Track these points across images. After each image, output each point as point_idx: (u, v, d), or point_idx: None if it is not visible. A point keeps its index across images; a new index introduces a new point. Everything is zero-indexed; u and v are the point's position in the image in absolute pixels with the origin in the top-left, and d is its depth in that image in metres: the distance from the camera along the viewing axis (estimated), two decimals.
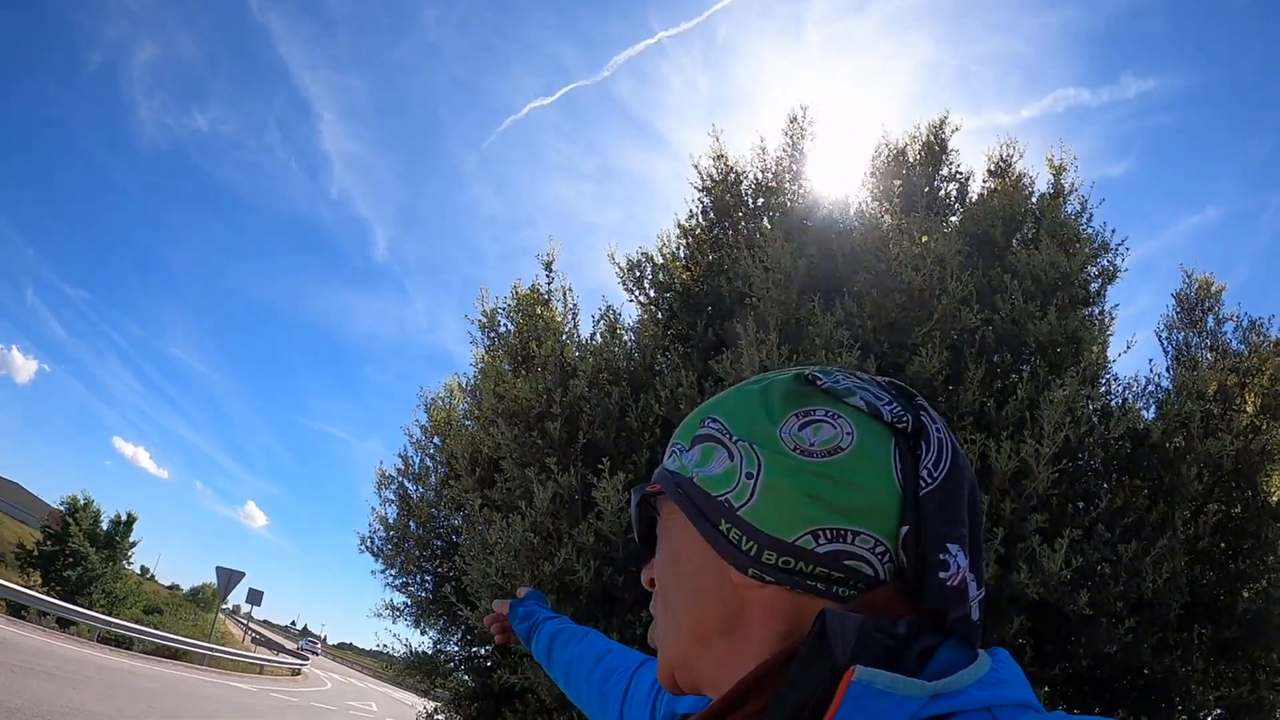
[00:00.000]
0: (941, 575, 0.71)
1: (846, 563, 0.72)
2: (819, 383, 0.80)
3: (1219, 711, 4.28)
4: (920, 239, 4.32)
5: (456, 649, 6.72)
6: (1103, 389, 4.63)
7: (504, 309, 6.01)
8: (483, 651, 6.42)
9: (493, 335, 6.08)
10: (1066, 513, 3.61)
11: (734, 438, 0.79)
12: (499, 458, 5.26)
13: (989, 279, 4.31)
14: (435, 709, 6.69)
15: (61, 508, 34.16)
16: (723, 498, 0.77)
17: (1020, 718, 0.62)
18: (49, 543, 31.86)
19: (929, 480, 0.74)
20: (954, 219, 5.34)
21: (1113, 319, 4.71)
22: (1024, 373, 3.96)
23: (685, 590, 0.82)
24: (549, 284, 5.87)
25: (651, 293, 5.87)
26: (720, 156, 5.88)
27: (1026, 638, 3.52)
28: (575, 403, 4.88)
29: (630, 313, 6.07)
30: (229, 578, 27.11)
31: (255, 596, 40.68)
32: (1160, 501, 3.89)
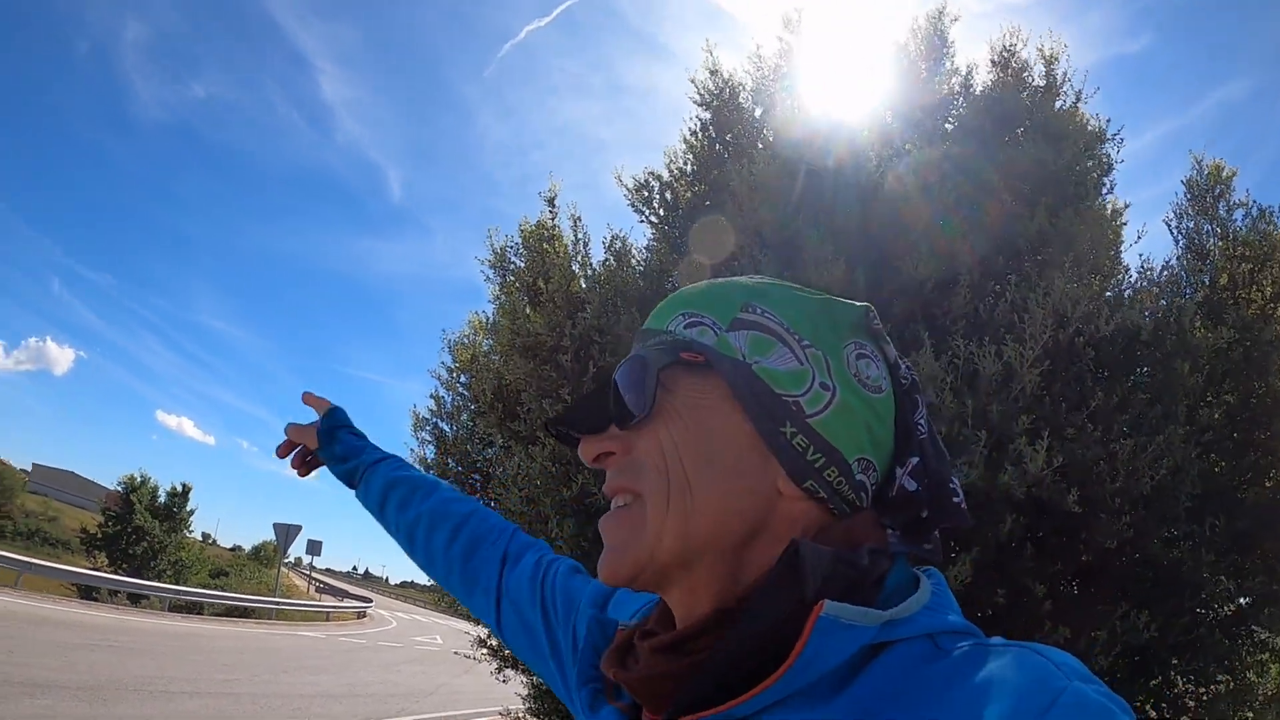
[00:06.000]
0: (955, 499, 0.79)
1: (861, 493, 0.77)
2: (874, 322, 0.83)
3: (1245, 601, 4.35)
4: (905, 146, 4.36)
5: None
6: (1116, 282, 4.65)
7: (513, 246, 6.14)
8: None
9: (504, 273, 6.23)
10: (1060, 412, 3.68)
11: (801, 340, 0.78)
12: (519, 391, 5.42)
13: (982, 180, 4.34)
14: (488, 634, 6.92)
15: (118, 488, 35.31)
16: (791, 399, 0.76)
17: (958, 643, 0.66)
18: (110, 523, 33.11)
19: (922, 429, 0.81)
20: (958, 116, 5.28)
21: (1120, 211, 4.72)
22: (1016, 276, 4.00)
23: (717, 483, 0.76)
24: (553, 219, 5.99)
25: (661, 212, 5.93)
26: (715, 71, 5.89)
27: (1023, 535, 3.63)
28: (585, 333, 5.02)
29: (643, 233, 6.11)
30: (287, 532, 27.86)
31: (315, 547, 41.99)
32: (1163, 398, 3.93)
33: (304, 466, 1.67)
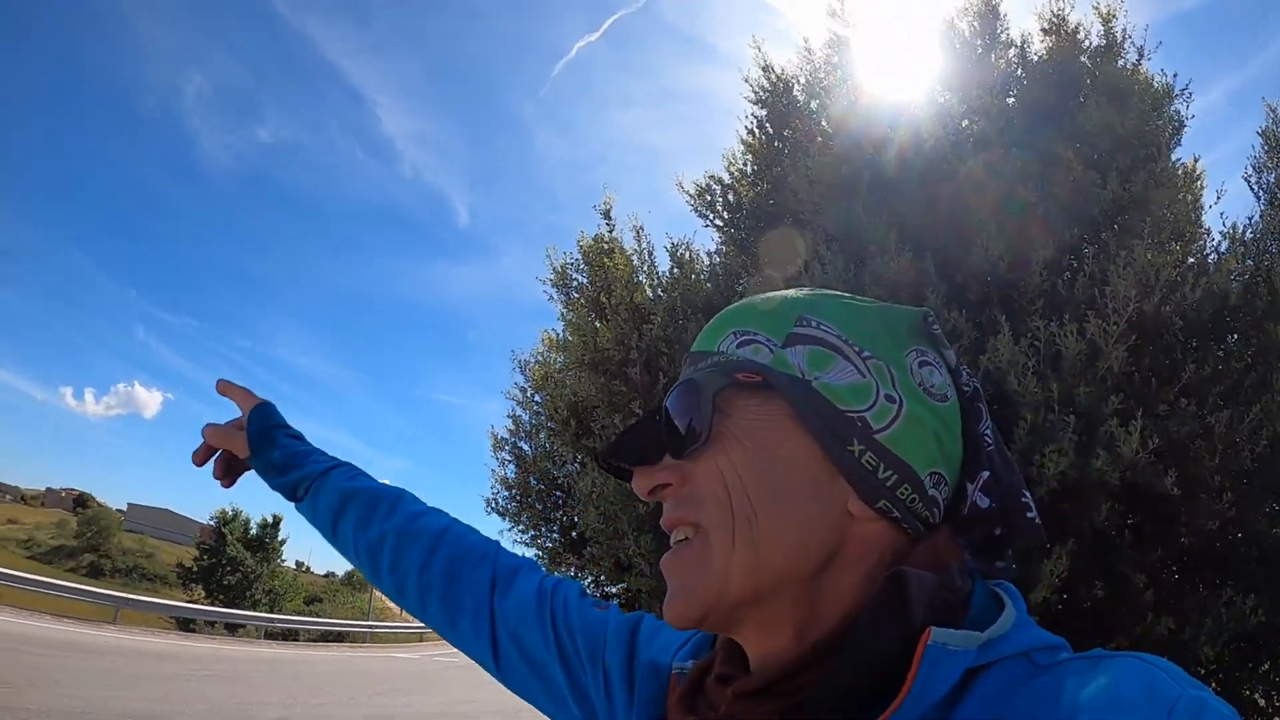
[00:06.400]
0: (1029, 515, 0.76)
1: (934, 508, 0.74)
2: (933, 327, 0.80)
3: None
4: (964, 125, 4.25)
5: (590, 590, 6.96)
6: (1199, 246, 4.41)
7: (573, 263, 6.14)
8: (613, 590, 6.67)
9: (567, 290, 6.21)
10: (1151, 389, 3.53)
11: (861, 351, 0.75)
12: (592, 407, 5.39)
13: (1049, 152, 4.19)
14: None
15: (211, 522, 36.54)
16: (855, 415, 0.72)
17: (1054, 658, 0.64)
18: (205, 557, 34.25)
19: (989, 439, 0.78)
20: (1019, 89, 5.08)
21: (1196, 171, 4.52)
22: (1094, 248, 3.88)
23: (785, 510, 0.72)
24: (611, 232, 5.98)
25: (725, 215, 5.85)
26: (767, 68, 5.82)
27: (1121, 523, 3.47)
28: (653, 345, 4.98)
29: (710, 237, 6.05)
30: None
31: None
32: (1258, 364, 3.75)
33: (228, 476, 1.42)
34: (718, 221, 5.88)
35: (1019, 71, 5.15)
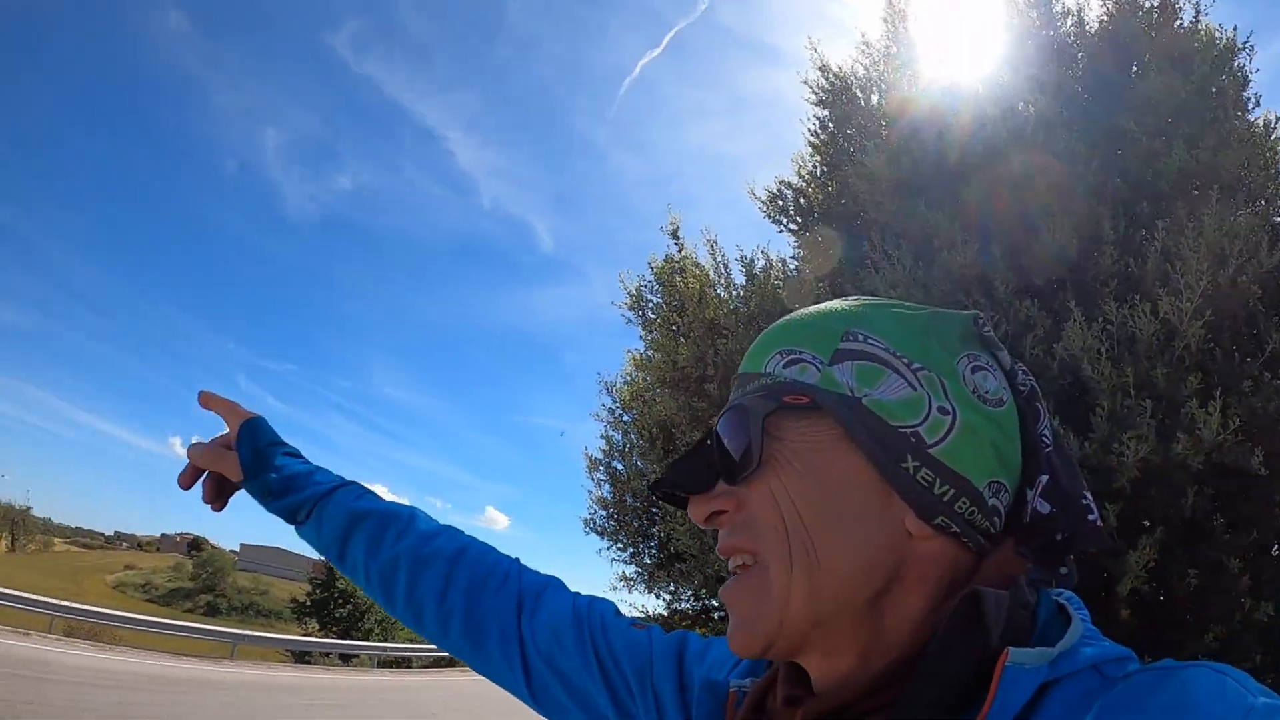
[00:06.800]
0: (1090, 518, 0.74)
1: (994, 517, 0.73)
2: (984, 330, 0.78)
3: None
4: (1023, 105, 4.16)
5: (689, 605, 6.96)
6: (1278, 207, 4.23)
7: (647, 284, 6.19)
8: (714, 602, 6.63)
9: (643, 312, 6.26)
10: (1232, 365, 3.38)
11: (910, 363, 0.73)
12: (676, 424, 5.39)
13: (1112, 125, 4.09)
14: None
15: (321, 558, 37.56)
16: (908, 430, 0.71)
17: (1123, 670, 0.63)
18: (317, 591, 35.13)
19: (1047, 441, 0.76)
20: (1077, 60, 4.89)
21: (1270, 125, 4.33)
22: (1165, 221, 3.66)
23: (841, 534, 0.71)
24: (680, 251, 6.00)
25: (799, 219, 5.82)
26: (824, 68, 5.79)
27: (1210, 507, 3.32)
28: (729, 359, 4.96)
29: (786, 243, 6.00)
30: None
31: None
32: None
33: (220, 499, 1.29)
34: (791, 226, 5.85)
35: (1076, 44, 4.99)
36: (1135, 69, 4.34)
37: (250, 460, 1.23)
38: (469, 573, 1.12)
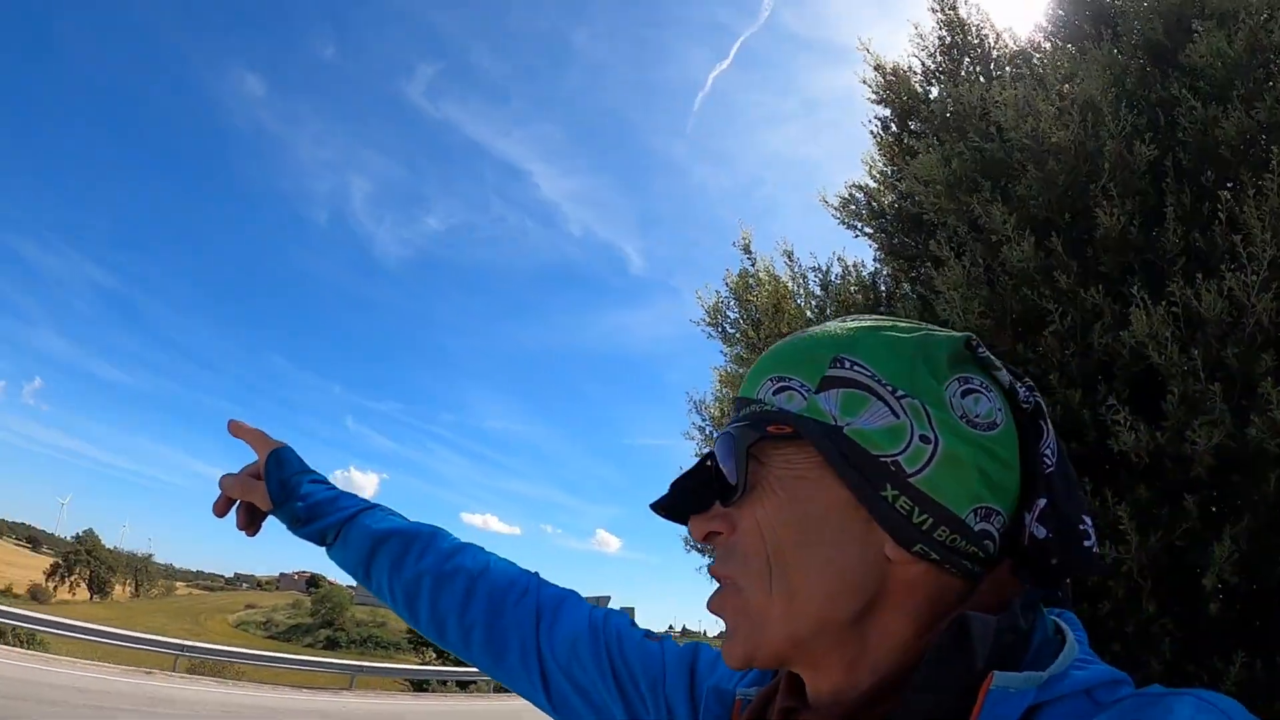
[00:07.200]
0: (1086, 544, 0.76)
1: (985, 541, 0.74)
2: (979, 351, 0.79)
3: None
4: (1060, 86, 4.03)
5: None
6: None
7: (725, 300, 6.14)
8: None
9: (722, 329, 6.17)
10: None
11: (895, 391, 0.75)
12: None
13: (1166, 97, 3.94)
14: None
15: None
16: (889, 459, 0.72)
17: (1114, 695, 0.64)
18: None
19: (1049, 461, 0.76)
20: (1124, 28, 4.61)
21: None
22: (1231, 190, 3.52)
23: (819, 559, 0.74)
24: (753, 266, 5.97)
25: (873, 222, 5.73)
26: (879, 66, 5.71)
27: None
28: None
29: (866, 247, 5.88)
30: (594, 604, 29.01)
31: (626, 614, 43.91)
32: None
33: (252, 525, 1.36)
34: (867, 230, 5.76)
35: (1127, 11, 4.74)
36: (1190, 28, 4.12)
37: (277, 490, 1.30)
38: (489, 588, 1.17)
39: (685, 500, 0.84)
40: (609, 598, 29.31)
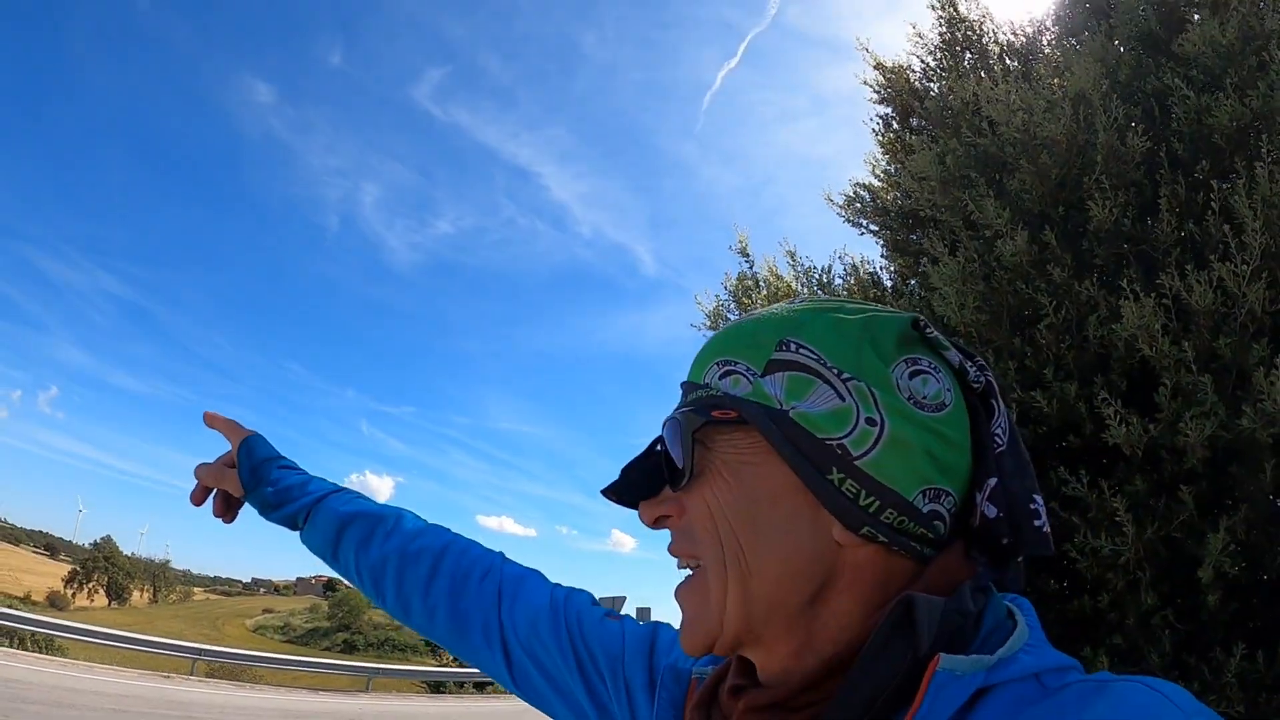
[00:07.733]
0: (1036, 523, 0.76)
1: (935, 522, 0.74)
2: (927, 331, 0.78)
3: None
4: (1052, 80, 4.03)
5: None
6: None
7: (725, 304, 6.11)
8: None
9: None
10: None
11: (841, 373, 0.74)
12: None
13: (1160, 87, 3.92)
14: None
15: None
16: (834, 443, 0.72)
17: (1062, 680, 0.64)
18: None
19: (1000, 440, 0.77)
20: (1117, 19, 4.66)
21: None
22: (1226, 178, 3.50)
23: (768, 544, 0.74)
24: (750, 270, 5.99)
25: (878, 220, 5.72)
26: (879, 65, 5.74)
27: None
28: None
29: (874, 245, 5.86)
30: (610, 604, 28.85)
31: (642, 614, 43.41)
32: None
33: (228, 512, 1.40)
34: (872, 228, 5.77)
35: (1123, 2, 4.62)
36: (1189, 19, 4.18)
37: (248, 477, 1.33)
38: (452, 568, 1.18)
39: (636, 485, 0.85)
40: (624, 598, 29.16)
